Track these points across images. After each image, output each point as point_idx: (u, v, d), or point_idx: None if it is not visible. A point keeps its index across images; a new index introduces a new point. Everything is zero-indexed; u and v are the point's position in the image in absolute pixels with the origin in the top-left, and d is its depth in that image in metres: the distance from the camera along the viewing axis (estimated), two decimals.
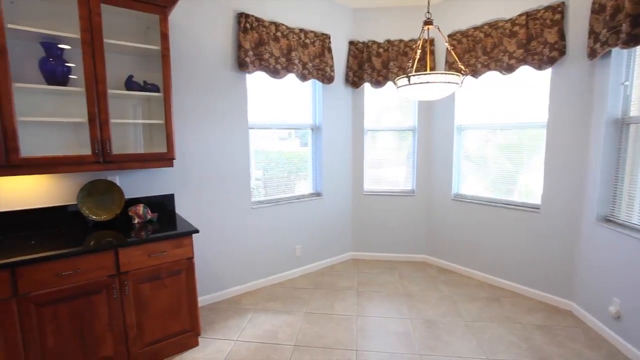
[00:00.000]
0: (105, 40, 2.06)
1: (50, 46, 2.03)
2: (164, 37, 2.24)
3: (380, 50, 3.64)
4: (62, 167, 2.00)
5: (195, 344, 2.38)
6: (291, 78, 3.27)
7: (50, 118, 2.05)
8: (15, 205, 2.14)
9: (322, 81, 3.46)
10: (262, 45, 2.97)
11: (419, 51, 2.47)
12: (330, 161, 3.76)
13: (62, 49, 2.08)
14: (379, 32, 3.67)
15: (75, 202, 2.28)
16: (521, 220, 3.10)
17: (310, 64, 3.34)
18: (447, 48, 3.32)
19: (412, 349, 2.37)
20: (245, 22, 2.85)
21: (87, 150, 2.09)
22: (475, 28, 3.19)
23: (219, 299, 3.06)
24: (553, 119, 2.82)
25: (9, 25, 1.81)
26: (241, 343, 2.43)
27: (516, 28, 2.88)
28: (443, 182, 3.71)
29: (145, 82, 2.36)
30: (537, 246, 3.01)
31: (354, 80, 3.74)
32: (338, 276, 3.60)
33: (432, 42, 3.54)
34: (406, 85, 2.17)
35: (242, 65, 2.88)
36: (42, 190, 2.22)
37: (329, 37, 3.46)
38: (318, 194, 3.76)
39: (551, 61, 2.72)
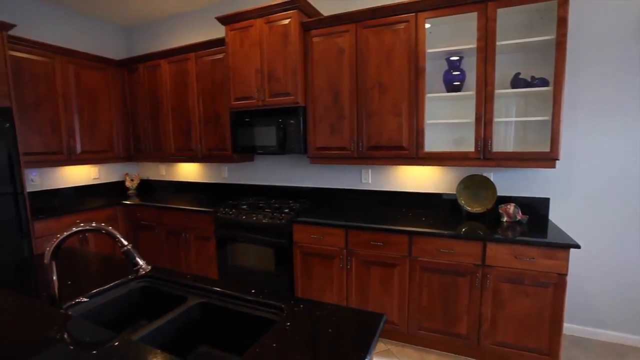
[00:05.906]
0: (497, 43, 2.15)
1: (451, 60, 2.41)
2: (562, 22, 2.00)
3: None
4: (449, 161, 2.36)
5: None
6: None
7: (444, 120, 2.47)
8: (415, 187, 2.80)
9: None
10: None
11: None
12: None
13: (460, 60, 2.41)
14: None
15: (452, 192, 2.64)
16: None
17: None
18: None
19: None
20: None
21: (465, 147, 2.34)
22: None
23: (589, 335, 2.46)
24: None
25: (428, 50, 2.34)
26: None
27: None
28: None
29: (532, 77, 2.24)
30: None
31: None
32: None
33: None
34: None
35: None
36: (430, 179, 2.74)
37: None
38: None
39: None
